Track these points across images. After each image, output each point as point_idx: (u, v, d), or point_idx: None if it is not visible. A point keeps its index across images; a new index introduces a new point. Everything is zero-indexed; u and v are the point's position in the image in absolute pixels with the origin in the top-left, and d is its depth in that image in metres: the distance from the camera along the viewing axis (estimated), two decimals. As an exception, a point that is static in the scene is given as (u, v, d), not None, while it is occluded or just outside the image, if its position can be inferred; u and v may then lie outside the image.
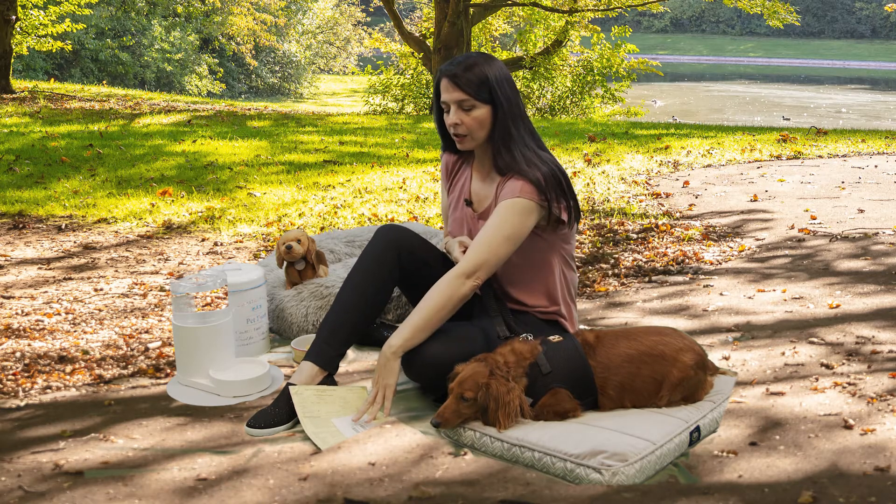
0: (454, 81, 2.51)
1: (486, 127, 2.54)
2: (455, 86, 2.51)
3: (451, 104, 2.53)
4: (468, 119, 2.52)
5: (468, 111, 2.52)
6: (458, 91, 2.50)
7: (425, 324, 2.43)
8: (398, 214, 5.23)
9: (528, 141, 2.56)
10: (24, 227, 4.99)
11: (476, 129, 2.54)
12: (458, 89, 2.50)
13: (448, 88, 2.53)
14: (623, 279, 3.96)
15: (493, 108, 2.53)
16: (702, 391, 2.44)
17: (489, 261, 2.45)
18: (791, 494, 1.99)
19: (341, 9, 33.15)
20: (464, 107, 2.51)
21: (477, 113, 2.52)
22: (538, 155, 2.54)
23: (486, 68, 2.52)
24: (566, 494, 2.04)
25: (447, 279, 2.46)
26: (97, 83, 21.60)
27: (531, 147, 2.55)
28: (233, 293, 2.96)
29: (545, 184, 2.47)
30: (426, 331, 2.44)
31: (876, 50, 53.01)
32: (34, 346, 3.06)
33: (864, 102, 28.42)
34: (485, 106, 2.52)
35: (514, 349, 2.38)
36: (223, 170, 6.78)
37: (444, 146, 2.77)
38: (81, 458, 2.23)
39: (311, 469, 2.18)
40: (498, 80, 2.52)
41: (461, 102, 2.51)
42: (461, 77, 2.50)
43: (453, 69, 2.52)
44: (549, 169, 2.50)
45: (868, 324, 3.16)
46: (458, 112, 2.52)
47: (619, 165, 7.15)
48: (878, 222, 4.89)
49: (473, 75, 2.50)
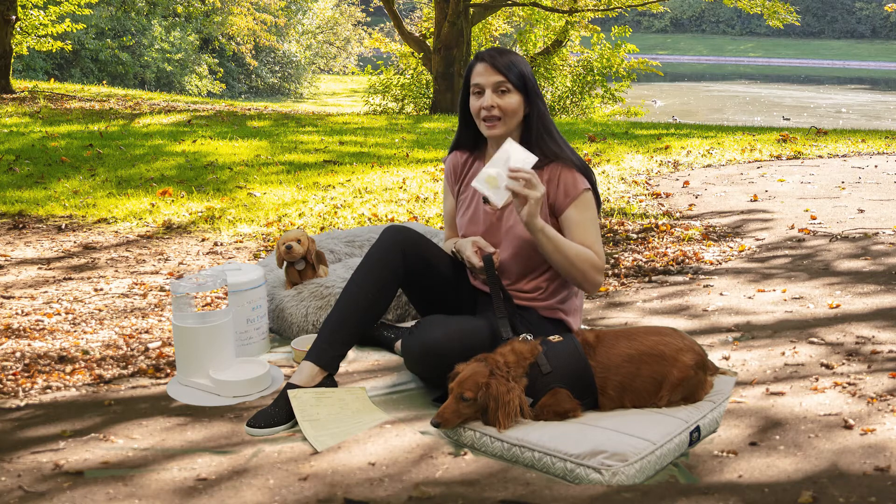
0: (493, 64, 2.58)
1: (517, 115, 2.60)
2: (494, 69, 2.57)
3: (487, 87, 2.58)
4: (503, 102, 2.57)
5: (503, 94, 2.57)
6: (496, 74, 2.57)
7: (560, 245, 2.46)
8: (398, 214, 5.23)
9: (556, 136, 2.65)
10: (24, 227, 4.99)
11: (509, 114, 2.59)
12: (496, 72, 2.57)
13: (486, 71, 2.58)
14: (623, 279, 3.96)
15: (524, 98, 2.60)
16: (702, 391, 2.44)
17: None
18: (791, 494, 1.99)
19: (341, 9, 33.15)
20: (500, 90, 2.57)
21: (511, 98, 2.58)
22: (568, 146, 2.65)
23: (520, 60, 2.62)
24: (566, 494, 2.04)
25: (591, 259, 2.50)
26: (97, 83, 21.60)
27: (562, 140, 2.65)
28: (233, 293, 2.96)
29: (588, 171, 2.61)
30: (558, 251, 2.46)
31: (876, 50, 53.02)
32: (34, 346, 3.06)
33: (864, 102, 28.43)
34: (518, 94, 2.58)
35: (515, 349, 2.38)
36: (223, 170, 6.79)
37: (457, 142, 2.79)
38: (81, 458, 2.23)
39: (311, 469, 2.18)
40: (530, 75, 2.63)
41: (498, 85, 2.57)
42: (499, 61, 2.57)
43: (492, 53, 2.60)
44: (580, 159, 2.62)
45: (868, 324, 3.16)
46: (494, 95, 2.57)
47: (619, 165, 7.15)
48: (878, 222, 4.89)
49: (512, 62, 2.58)
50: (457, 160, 2.82)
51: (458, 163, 2.82)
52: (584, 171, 2.60)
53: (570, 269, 2.49)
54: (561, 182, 2.57)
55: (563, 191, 2.56)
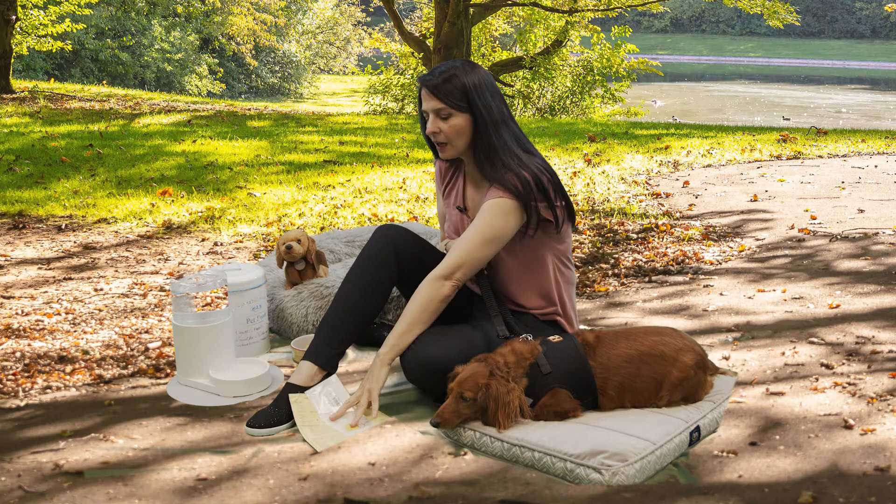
0: (431, 91, 2.53)
1: (465, 135, 2.56)
2: (432, 95, 2.53)
3: (430, 112, 2.56)
4: (446, 127, 2.54)
5: (445, 119, 2.54)
6: (434, 100, 2.53)
7: (409, 327, 2.47)
8: (398, 214, 5.23)
9: (513, 146, 2.55)
10: (24, 227, 4.99)
11: (455, 138, 2.55)
12: (434, 98, 2.53)
13: (426, 98, 2.56)
14: (623, 279, 3.96)
15: (472, 117, 2.54)
16: (702, 391, 2.44)
17: (467, 262, 2.48)
18: (791, 494, 1.99)
19: (341, 9, 33.14)
20: (441, 115, 2.54)
21: (455, 121, 2.54)
22: (520, 159, 2.53)
23: (465, 77, 2.53)
24: (566, 494, 2.04)
25: (427, 282, 2.49)
26: (97, 83, 21.59)
27: (514, 152, 2.54)
28: (233, 293, 2.96)
29: (524, 187, 2.47)
30: (411, 334, 2.47)
31: (876, 50, 53.02)
32: (34, 346, 3.06)
33: (864, 102, 28.43)
34: (462, 115, 2.53)
35: (515, 349, 2.38)
36: (223, 170, 6.79)
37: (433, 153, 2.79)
38: (81, 458, 2.23)
39: (311, 469, 2.18)
40: (477, 88, 2.53)
41: (438, 111, 2.54)
42: (439, 87, 2.52)
43: (431, 79, 2.54)
44: (531, 172, 2.50)
45: (868, 324, 3.16)
46: (437, 120, 2.55)
47: (619, 165, 7.15)
48: (878, 222, 4.89)
49: (452, 85, 2.52)
50: (441, 165, 2.84)
51: (442, 167, 2.83)
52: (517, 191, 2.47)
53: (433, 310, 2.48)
54: (487, 194, 2.53)
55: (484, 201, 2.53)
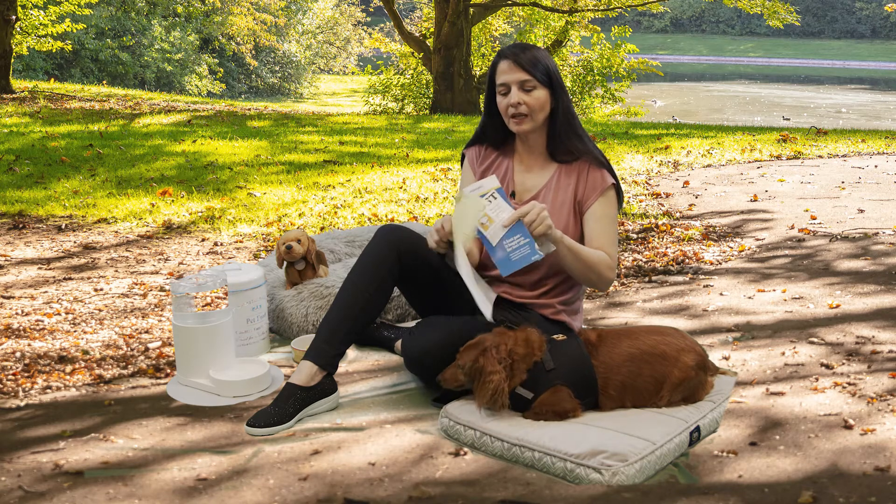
0: (516, 61, 2.57)
1: (545, 109, 2.61)
2: (519, 66, 2.57)
3: (513, 85, 2.58)
4: (530, 99, 2.57)
5: (529, 92, 2.57)
6: (521, 72, 2.56)
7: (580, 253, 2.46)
8: (398, 214, 5.23)
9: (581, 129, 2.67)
10: (24, 227, 4.99)
11: (537, 110, 2.59)
12: (521, 70, 2.56)
13: (510, 69, 2.58)
14: (623, 279, 3.96)
15: (551, 93, 2.60)
16: (702, 391, 2.44)
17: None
18: (791, 494, 1.99)
19: (341, 9, 33.13)
20: (525, 87, 2.57)
21: (538, 94, 2.58)
22: (589, 140, 2.67)
23: (545, 57, 2.62)
24: (566, 494, 2.04)
25: (606, 262, 2.53)
26: (97, 83, 21.59)
27: (585, 133, 2.67)
28: (233, 293, 2.96)
29: (607, 161, 2.64)
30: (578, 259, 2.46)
31: (876, 50, 53.00)
32: (34, 346, 3.06)
33: (864, 102, 28.42)
34: (544, 89, 2.58)
35: (529, 340, 2.37)
36: (223, 170, 6.79)
37: (479, 138, 2.77)
38: (81, 458, 2.23)
39: (311, 469, 2.18)
40: (554, 68, 2.62)
41: (523, 83, 2.57)
42: (522, 58, 2.57)
43: (515, 51, 2.60)
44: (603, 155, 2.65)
45: (868, 324, 3.16)
46: (520, 93, 2.57)
47: (619, 165, 7.14)
48: (878, 222, 4.89)
49: (534, 57, 2.58)
50: (475, 153, 2.79)
51: (475, 155, 2.79)
52: (609, 168, 2.63)
53: (587, 273, 2.50)
54: (589, 178, 2.61)
55: (591, 186, 2.60)
